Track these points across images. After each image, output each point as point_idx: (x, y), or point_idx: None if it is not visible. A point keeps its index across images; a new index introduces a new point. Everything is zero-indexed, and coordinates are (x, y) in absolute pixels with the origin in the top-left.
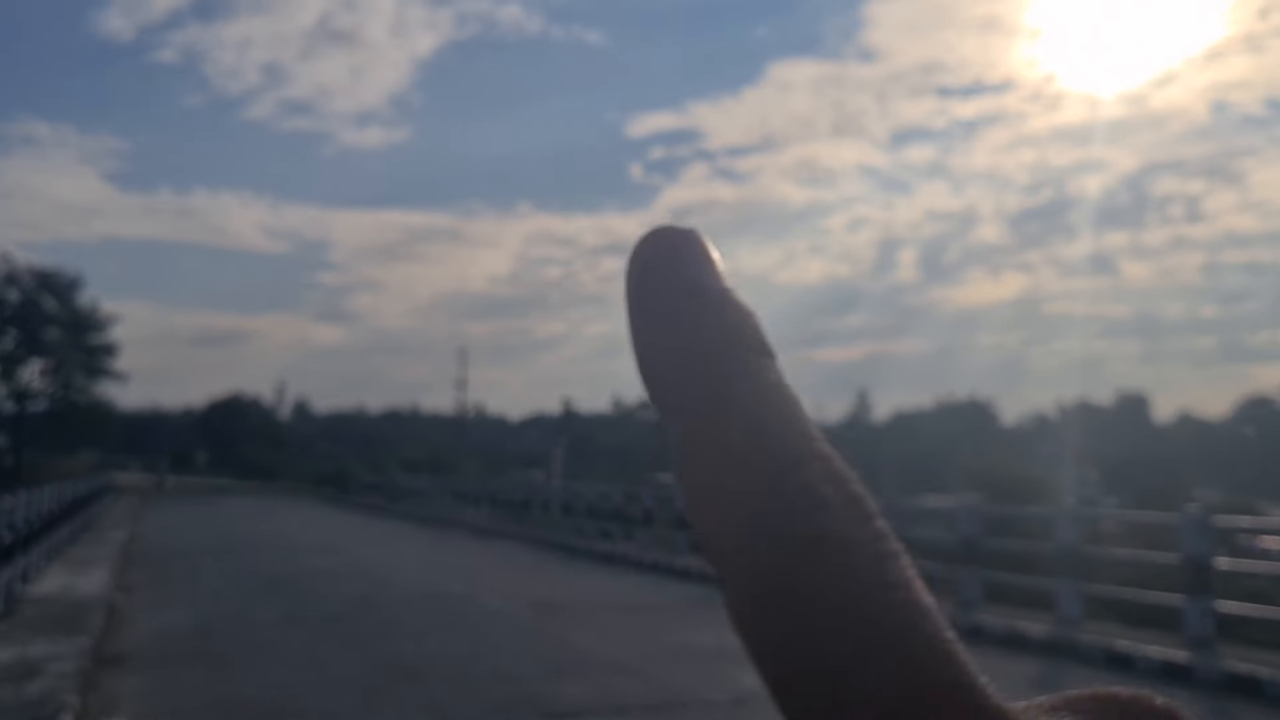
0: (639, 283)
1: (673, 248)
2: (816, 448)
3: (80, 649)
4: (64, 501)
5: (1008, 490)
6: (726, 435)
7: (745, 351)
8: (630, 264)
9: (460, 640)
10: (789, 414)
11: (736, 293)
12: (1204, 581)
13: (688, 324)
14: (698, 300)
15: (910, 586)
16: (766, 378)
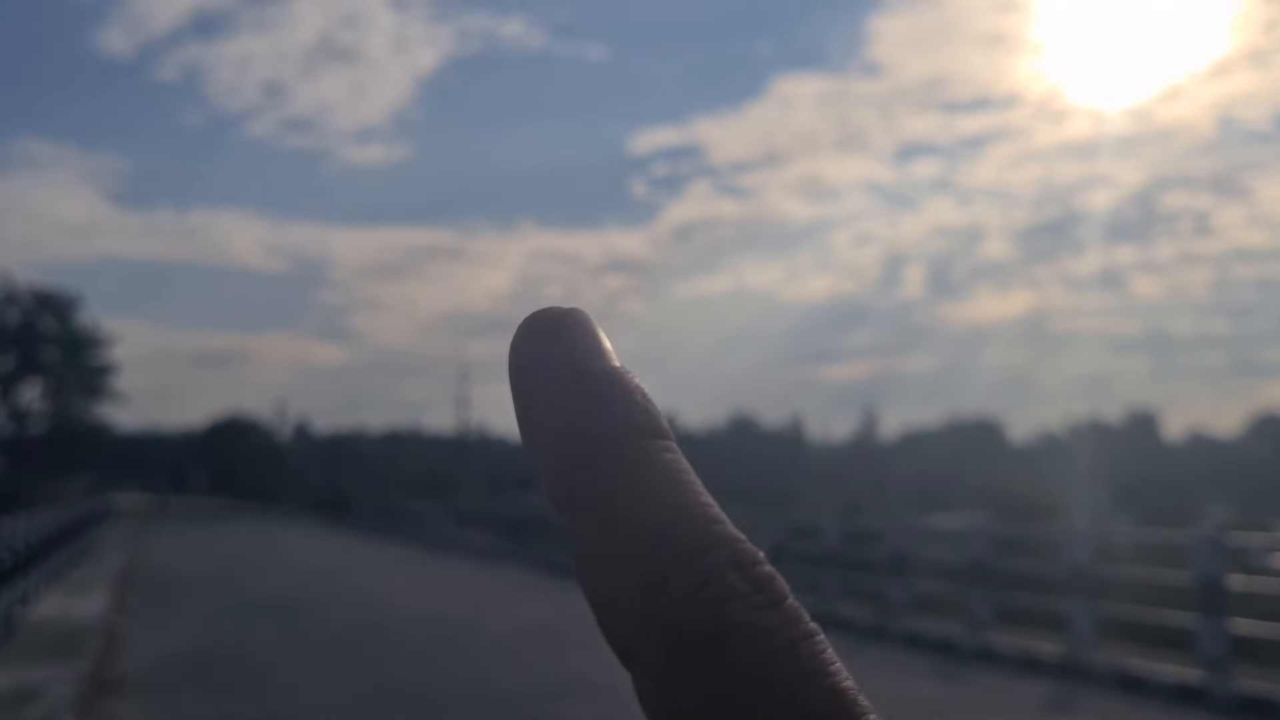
0: (520, 369)
1: (554, 331)
2: (718, 531)
3: (78, 673)
4: (62, 524)
5: (1017, 509)
6: (618, 528)
7: (634, 435)
8: (512, 349)
9: (460, 664)
10: (686, 499)
11: (626, 373)
12: (1217, 602)
13: (572, 410)
14: (581, 384)
15: (827, 671)
16: (659, 462)
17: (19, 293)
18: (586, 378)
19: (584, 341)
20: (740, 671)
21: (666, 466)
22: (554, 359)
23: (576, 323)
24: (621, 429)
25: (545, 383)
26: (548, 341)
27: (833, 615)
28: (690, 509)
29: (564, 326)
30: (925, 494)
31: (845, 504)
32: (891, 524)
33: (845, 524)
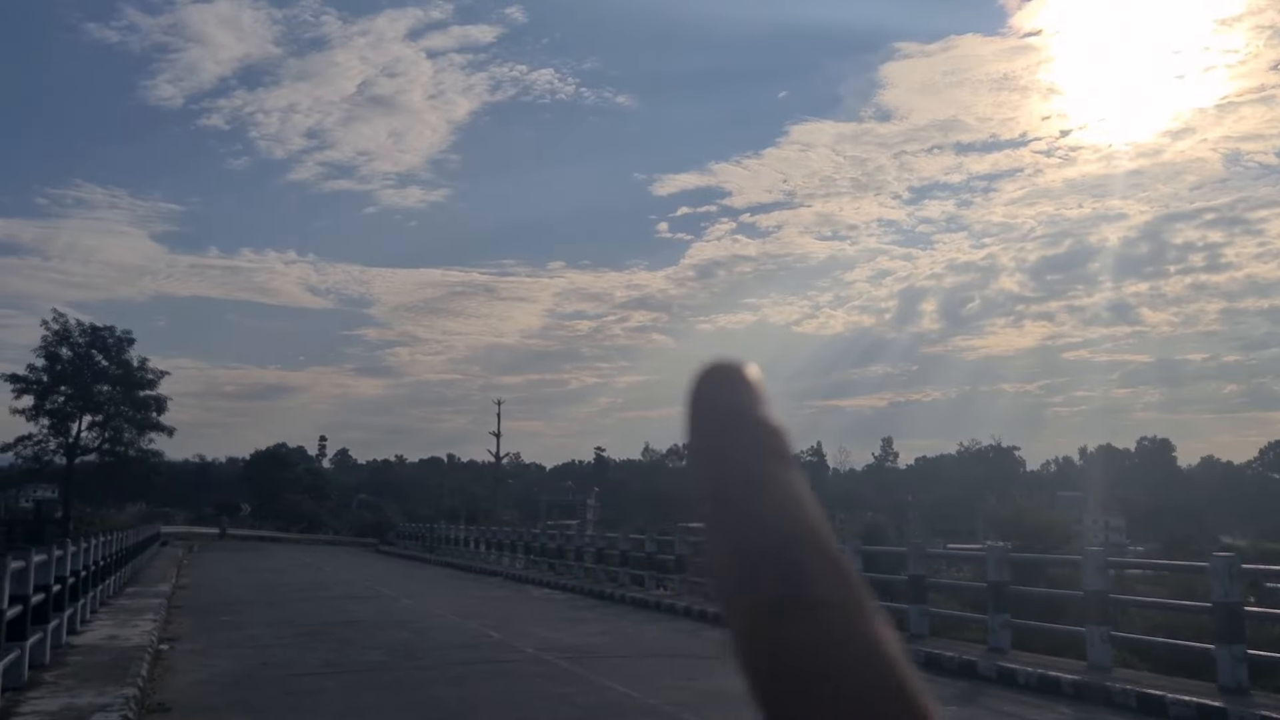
0: (696, 405)
1: (726, 376)
2: (819, 537)
3: (126, 698)
4: (111, 552)
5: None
6: (746, 519)
7: (772, 460)
8: (691, 388)
9: (498, 687)
10: (799, 510)
11: (772, 415)
12: (1235, 628)
13: (730, 437)
14: (739, 419)
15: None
16: (786, 480)
17: (72, 331)
18: (745, 414)
19: (746, 388)
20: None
21: (791, 483)
22: (723, 398)
23: (743, 372)
24: (764, 454)
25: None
26: (721, 384)
27: None
28: (800, 517)
29: (734, 374)
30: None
31: (865, 530)
32: (910, 550)
33: (865, 549)
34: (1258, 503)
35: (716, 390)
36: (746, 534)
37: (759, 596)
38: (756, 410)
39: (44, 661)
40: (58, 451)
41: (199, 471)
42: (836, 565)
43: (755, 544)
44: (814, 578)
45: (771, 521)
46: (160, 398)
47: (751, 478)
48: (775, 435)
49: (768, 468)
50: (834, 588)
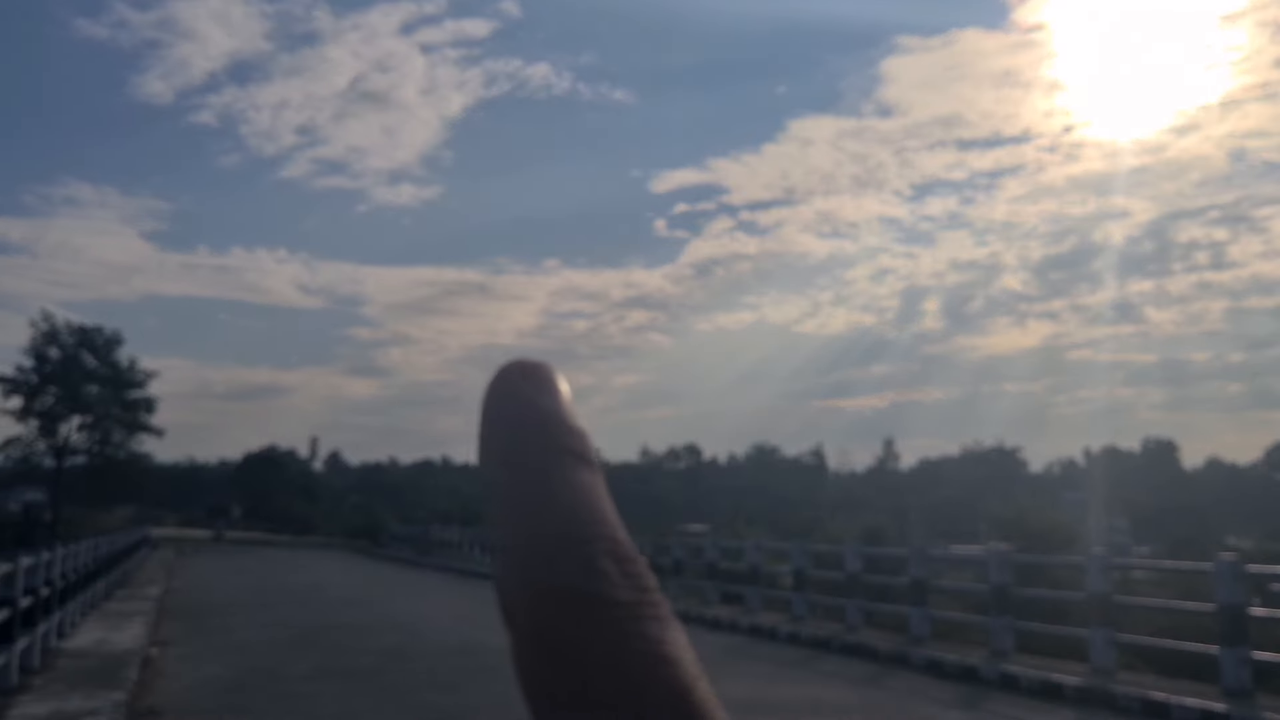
0: (492, 402)
1: (525, 375)
2: (612, 537)
3: (115, 703)
4: (100, 556)
5: (1037, 538)
6: (536, 514)
7: (560, 452)
8: (489, 386)
9: (492, 692)
10: (592, 509)
11: (573, 414)
12: (1240, 631)
13: (525, 435)
14: (536, 418)
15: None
16: (574, 476)
17: (61, 331)
18: (541, 411)
19: (545, 386)
20: (600, 638)
21: (580, 481)
22: (518, 395)
23: (543, 371)
24: (551, 446)
25: (510, 412)
26: (519, 382)
27: (855, 642)
28: (588, 513)
29: (533, 372)
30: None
31: (866, 532)
32: (912, 552)
33: (866, 552)
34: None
35: (514, 389)
36: (536, 528)
37: (544, 589)
38: (554, 410)
39: (33, 666)
40: (46, 453)
41: (189, 474)
42: (628, 567)
43: (544, 538)
44: (602, 575)
45: (562, 518)
46: (150, 399)
47: (544, 475)
48: (573, 435)
49: (562, 466)
50: (623, 588)
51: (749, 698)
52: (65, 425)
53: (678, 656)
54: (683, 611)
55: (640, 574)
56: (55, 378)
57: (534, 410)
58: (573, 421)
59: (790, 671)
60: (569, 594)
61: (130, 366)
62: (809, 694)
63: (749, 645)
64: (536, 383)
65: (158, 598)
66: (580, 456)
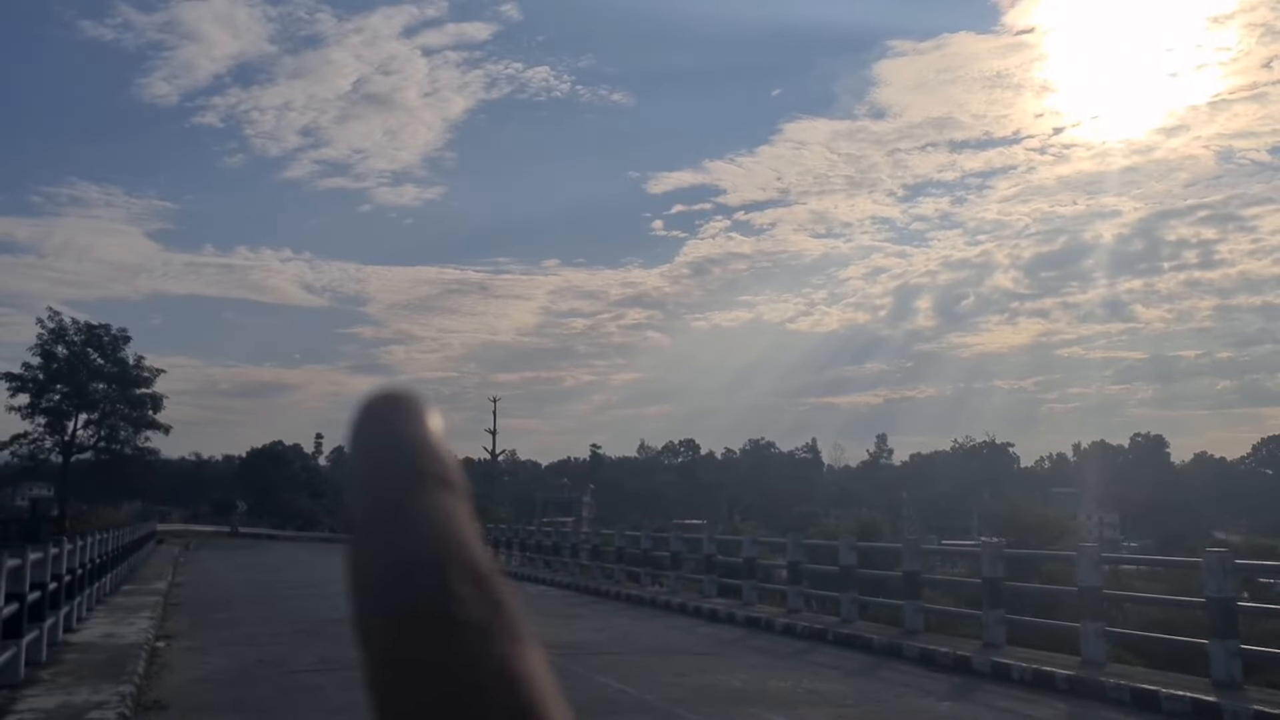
0: (357, 428)
1: (391, 403)
2: (470, 560)
3: (122, 695)
4: (107, 550)
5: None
6: (392, 539)
7: (428, 485)
8: (355, 412)
9: None
10: (451, 533)
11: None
12: (1229, 624)
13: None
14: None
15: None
16: (434, 500)
17: (68, 329)
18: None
19: (411, 413)
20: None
21: (438, 504)
22: (381, 423)
23: (409, 399)
24: (411, 472)
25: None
26: (384, 409)
27: (849, 635)
28: (444, 536)
29: (400, 400)
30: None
31: (860, 526)
32: (905, 546)
33: (860, 546)
34: (1251, 499)
35: (379, 416)
36: (391, 553)
37: (396, 613)
38: (416, 437)
39: (40, 659)
40: (53, 450)
41: (195, 470)
42: (485, 589)
43: (398, 564)
44: (455, 598)
45: (418, 542)
46: (156, 396)
47: (403, 500)
48: (434, 461)
49: (422, 491)
50: (477, 610)
51: (745, 688)
52: (72, 422)
53: (526, 674)
54: (680, 604)
55: (496, 594)
56: (62, 375)
57: (395, 438)
58: (435, 447)
59: (786, 663)
60: (420, 618)
61: (136, 364)
62: (804, 685)
63: (746, 637)
64: (400, 411)
65: (164, 592)
66: (441, 480)
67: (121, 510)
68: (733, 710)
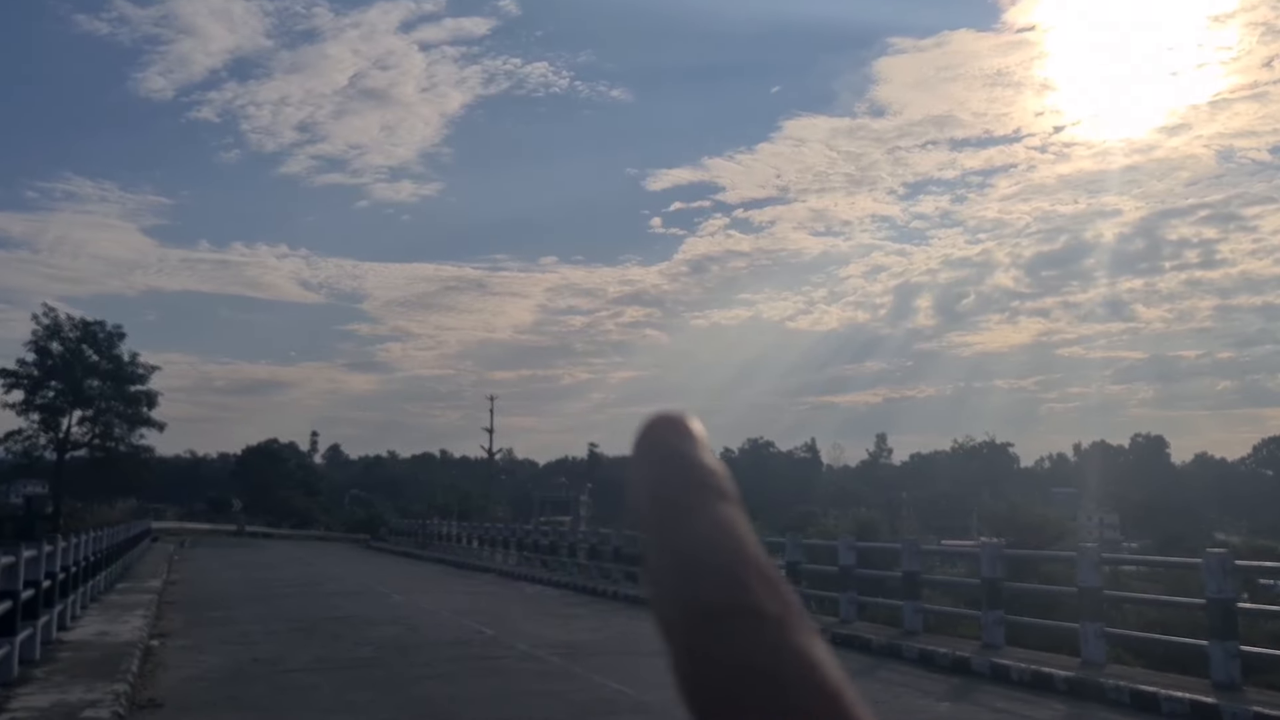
0: (641, 447)
1: (669, 424)
2: (756, 558)
3: (117, 694)
4: (102, 548)
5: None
6: (685, 539)
7: (707, 492)
8: (637, 435)
9: (489, 684)
10: (733, 533)
11: (710, 455)
12: (1229, 625)
13: (671, 473)
14: (680, 459)
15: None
16: (721, 510)
17: (62, 325)
18: (685, 456)
19: (684, 431)
20: (752, 647)
21: (721, 512)
22: (663, 442)
23: (685, 421)
24: (694, 484)
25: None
26: (663, 431)
27: (848, 635)
28: (732, 539)
29: (677, 422)
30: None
31: (859, 526)
32: (904, 546)
33: (859, 546)
34: (1251, 499)
35: (660, 436)
36: (687, 554)
37: (696, 602)
38: (695, 453)
39: (34, 657)
40: (48, 447)
41: (190, 467)
42: (773, 583)
43: (695, 562)
44: (750, 589)
45: (709, 544)
46: (151, 393)
47: (690, 509)
48: (712, 474)
49: (706, 501)
50: (770, 601)
51: None
52: (67, 419)
53: (825, 659)
54: None
55: (784, 591)
56: (57, 372)
57: (677, 454)
58: (711, 462)
59: None
60: (721, 609)
61: (131, 361)
62: None
63: None
64: (678, 430)
65: (159, 590)
66: (719, 492)
67: (116, 508)
68: None
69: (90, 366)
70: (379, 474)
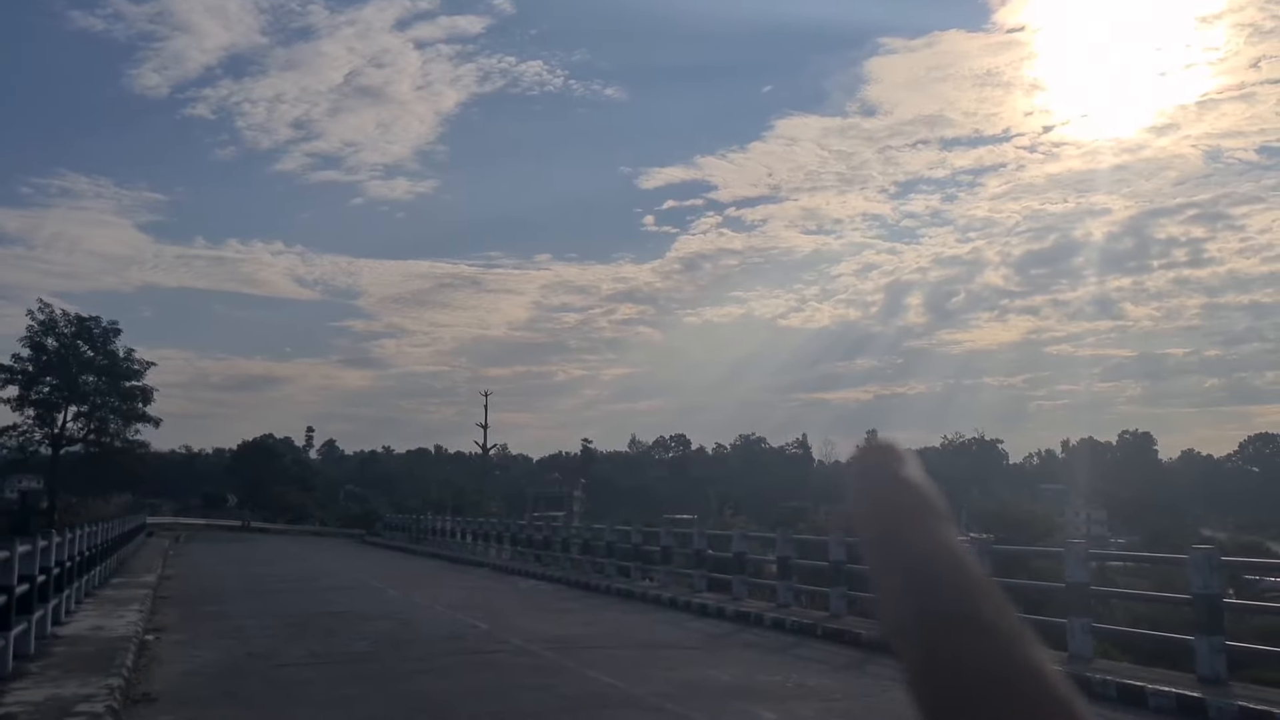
0: (860, 473)
1: (883, 450)
2: (975, 571)
3: (111, 688)
4: (97, 543)
5: (1017, 528)
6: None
7: (927, 511)
8: (854, 460)
9: (483, 679)
10: (956, 551)
11: (925, 479)
12: (1215, 620)
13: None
14: (900, 482)
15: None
16: (938, 527)
17: (58, 321)
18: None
19: (899, 457)
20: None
21: (944, 531)
22: (882, 466)
23: (897, 449)
24: (918, 506)
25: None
26: (880, 456)
27: (838, 629)
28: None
29: (892, 449)
30: None
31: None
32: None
33: (850, 541)
34: (1237, 496)
35: (877, 461)
36: (918, 569)
37: (933, 615)
38: (914, 477)
39: (29, 652)
40: (43, 442)
41: (185, 463)
42: (998, 599)
43: (926, 576)
44: (982, 602)
45: (938, 560)
46: (146, 388)
47: (916, 529)
48: (932, 497)
49: (929, 521)
50: (999, 616)
51: (735, 683)
52: (62, 414)
53: (1051, 670)
54: (670, 598)
55: (1008, 607)
56: (52, 367)
57: (898, 478)
58: (929, 486)
59: (775, 657)
60: (955, 619)
61: (127, 356)
62: (793, 679)
63: (735, 631)
64: (893, 456)
65: (153, 585)
66: (939, 514)
67: (112, 503)
68: (722, 705)
69: (86, 362)
70: (374, 469)
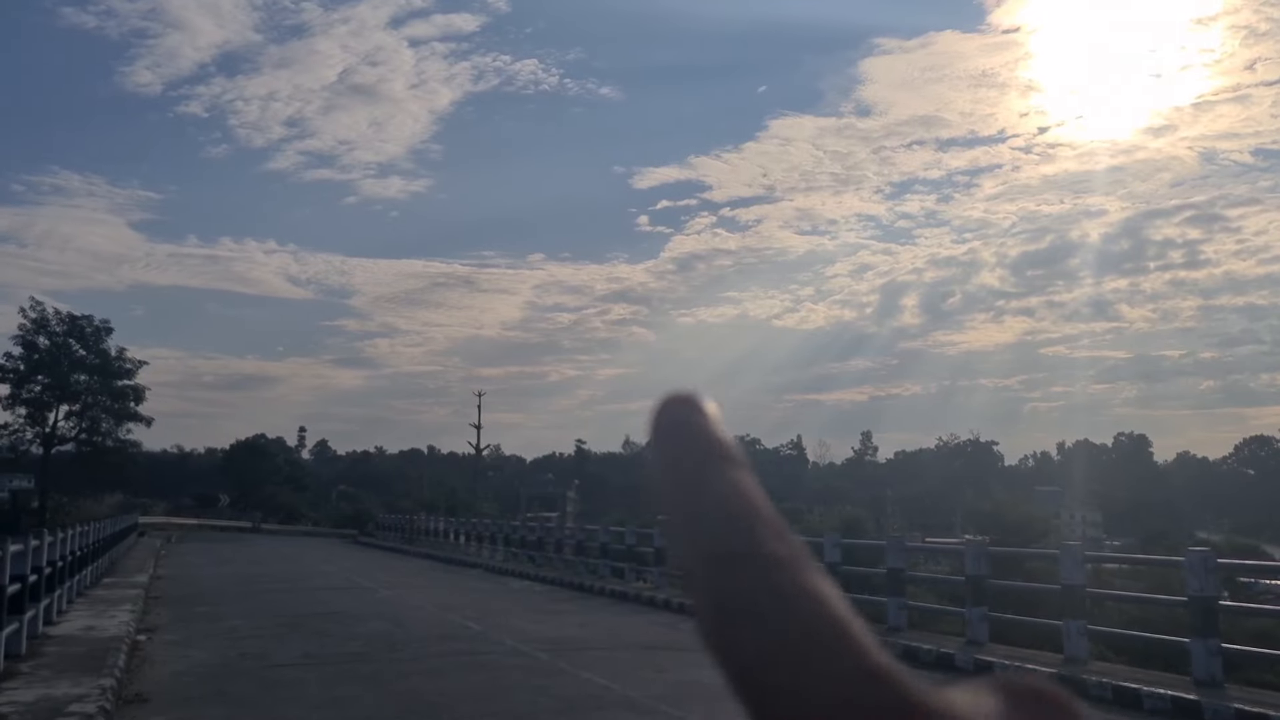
0: (658, 420)
1: (682, 400)
2: (766, 512)
3: (103, 689)
4: (88, 543)
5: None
6: (701, 496)
7: (718, 459)
8: (654, 411)
9: (477, 679)
10: (744, 492)
11: (721, 427)
12: (1210, 622)
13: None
14: (693, 430)
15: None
16: (731, 473)
17: (49, 320)
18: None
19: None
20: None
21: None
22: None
23: (696, 400)
24: (707, 452)
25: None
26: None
27: None
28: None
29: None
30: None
31: (844, 523)
32: (889, 543)
33: (844, 543)
34: (1233, 498)
35: (674, 411)
36: (702, 511)
37: (712, 550)
38: (705, 424)
39: (20, 652)
40: (34, 441)
41: (177, 462)
42: (783, 534)
43: (710, 517)
44: (761, 538)
45: (722, 502)
46: (138, 387)
47: (703, 474)
48: (722, 443)
49: (717, 466)
50: (780, 547)
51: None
52: (53, 413)
53: (833, 594)
54: (665, 599)
55: (792, 540)
56: (44, 366)
57: (689, 426)
58: (721, 432)
59: None
60: (738, 556)
61: (119, 355)
62: None
63: None
64: (689, 406)
65: (145, 585)
66: (729, 458)
67: (103, 503)
68: (715, 706)
69: (77, 361)
70: (366, 469)
